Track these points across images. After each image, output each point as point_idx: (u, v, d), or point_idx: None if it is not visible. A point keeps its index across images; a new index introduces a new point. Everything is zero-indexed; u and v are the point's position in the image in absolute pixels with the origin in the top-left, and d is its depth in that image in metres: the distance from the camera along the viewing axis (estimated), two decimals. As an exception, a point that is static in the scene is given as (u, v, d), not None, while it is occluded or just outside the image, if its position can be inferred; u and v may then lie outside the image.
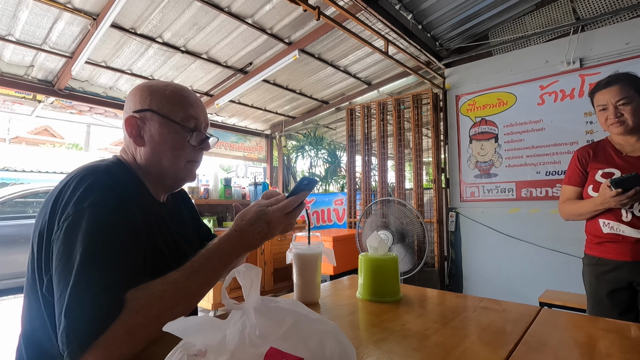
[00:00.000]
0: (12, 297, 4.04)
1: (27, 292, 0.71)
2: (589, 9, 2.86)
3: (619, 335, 0.69)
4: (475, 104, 3.37)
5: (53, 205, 0.65)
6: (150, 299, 0.59)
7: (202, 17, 3.07)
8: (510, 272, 3.08)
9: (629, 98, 1.29)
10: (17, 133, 14.37)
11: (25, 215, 4.68)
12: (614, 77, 1.35)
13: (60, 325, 0.55)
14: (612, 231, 1.31)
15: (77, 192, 0.64)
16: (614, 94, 1.30)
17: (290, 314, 0.44)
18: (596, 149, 1.45)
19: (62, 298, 0.56)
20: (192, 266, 0.65)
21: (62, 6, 2.76)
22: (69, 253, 0.59)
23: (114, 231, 0.63)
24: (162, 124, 0.78)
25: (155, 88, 0.80)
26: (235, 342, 0.41)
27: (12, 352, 0.76)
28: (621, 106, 1.29)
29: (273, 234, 0.71)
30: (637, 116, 1.29)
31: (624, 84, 1.30)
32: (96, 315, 0.55)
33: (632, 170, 1.28)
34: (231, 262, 0.69)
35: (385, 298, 0.94)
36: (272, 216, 0.70)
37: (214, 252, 0.67)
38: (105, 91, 4.25)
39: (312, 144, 6.14)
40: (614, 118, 1.31)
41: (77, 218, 0.61)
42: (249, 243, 0.69)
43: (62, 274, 0.58)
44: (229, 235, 0.69)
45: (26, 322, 0.72)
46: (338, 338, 0.44)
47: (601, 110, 1.36)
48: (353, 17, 2.47)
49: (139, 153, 0.79)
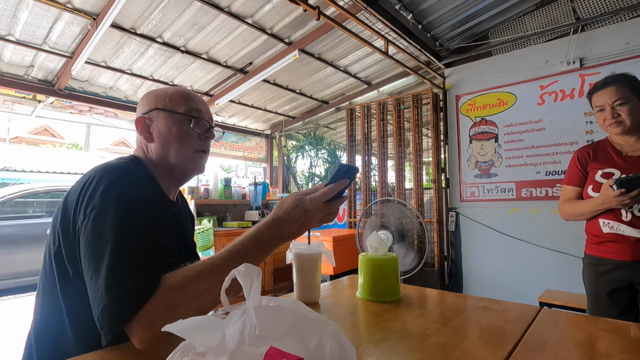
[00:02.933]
0: (12, 297, 4.04)
1: (44, 285, 0.73)
2: (589, 9, 2.86)
3: (619, 335, 0.69)
4: (475, 104, 3.37)
5: (77, 198, 0.69)
6: (187, 278, 0.61)
7: (202, 17, 3.07)
8: (510, 272, 3.07)
9: (626, 98, 1.29)
10: (17, 133, 14.37)
11: (25, 215, 4.69)
12: (610, 78, 1.35)
13: (99, 303, 0.59)
14: (612, 231, 1.31)
15: (102, 185, 0.68)
16: (610, 95, 1.31)
17: (290, 314, 0.44)
18: (596, 149, 1.45)
19: (98, 278, 0.60)
20: (229, 251, 0.66)
21: (62, 6, 2.76)
22: (99, 238, 0.63)
23: (141, 219, 0.67)
24: (167, 117, 0.84)
25: (160, 91, 0.87)
26: (235, 342, 0.41)
27: (12, 352, 0.77)
28: (618, 107, 1.30)
29: (311, 223, 0.70)
30: (635, 116, 1.29)
31: (621, 85, 1.31)
32: (137, 290, 0.58)
33: (632, 171, 1.28)
34: (267, 250, 0.69)
35: (385, 298, 0.94)
36: (310, 204, 0.69)
37: (250, 238, 0.68)
38: (105, 91, 4.25)
39: (312, 144, 6.14)
40: (611, 119, 1.31)
41: (105, 208, 0.65)
42: (286, 232, 0.69)
43: (94, 258, 0.62)
44: (266, 223, 0.69)
45: (39, 317, 0.74)
46: (338, 338, 0.44)
47: (599, 112, 1.36)
48: (353, 17, 2.47)
49: (150, 149, 0.85)
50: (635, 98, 1.30)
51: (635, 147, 1.35)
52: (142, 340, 0.58)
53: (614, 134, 1.38)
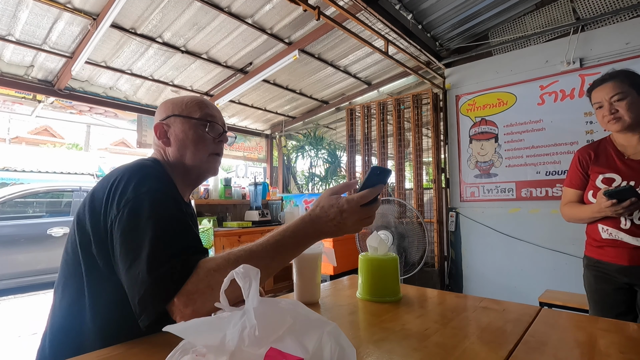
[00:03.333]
0: (12, 297, 4.04)
1: (66, 278, 0.76)
2: (589, 9, 2.86)
3: (619, 335, 0.69)
4: (475, 104, 3.37)
5: (107, 195, 0.72)
6: (227, 262, 0.65)
7: (202, 17, 3.07)
8: (510, 272, 3.07)
9: (624, 93, 1.25)
10: (17, 133, 14.37)
11: (25, 215, 4.68)
12: (608, 74, 1.32)
13: (141, 287, 0.62)
14: (610, 237, 1.30)
15: (133, 181, 0.72)
16: (608, 91, 1.28)
17: (290, 314, 0.44)
18: (597, 149, 1.41)
19: (139, 264, 0.63)
20: (268, 240, 0.69)
21: (62, 6, 2.76)
22: (136, 229, 0.66)
23: (173, 211, 0.72)
24: (183, 122, 0.90)
25: (177, 99, 0.93)
26: (235, 343, 0.41)
27: (12, 352, 0.78)
28: (616, 102, 1.26)
29: (346, 224, 0.70)
30: (635, 111, 1.25)
31: (619, 80, 1.27)
32: (178, 270, 0.62)
33: (633, 177, 1.26)
34: (303, 244, 0.71)
35: (385, 298, 0.94)
36: (346, 205, 0.69)
37: (288, 230, 0.70)
38: (105, 91, 4.25)
39: (312, 144, 6.13)
40: (609, 115, 1.27)
41: (139, 201, 0.69)
42: (321, 229, 0.70)
43: (132, 248, 0.66)
44: (303, 218, 0.71)
45: (57, 311, 0.76)
46: (338, 338, 0.44)
47: (598, 109, 1.33)
48: (353, 17, 2.47)
49: (167, 152, 0.90)
50: (635, 93, 1.26)
51: (638, 149, 1.30)
52: (184, 316, 0.61)
53: (614, 131, 1.33)
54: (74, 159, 11.16)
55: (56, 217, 4.75)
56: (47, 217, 4.75)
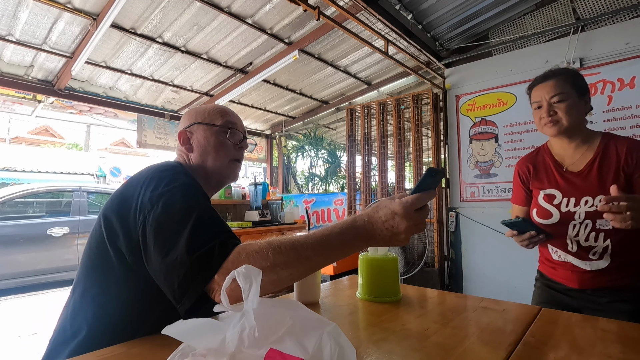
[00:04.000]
0: (12, 297, 4.04)
1: (87, 274, 0.78)
2: (589, 9, 2.86)
3: (619, 335, 0.69)
4: (475, 104, 3.36)
5: (138, 194, 0.74)
6: (270, 245, 0.63)
7: (202, 17, 3.07)
8: (510, 272, 3.07)
9: (565, 94, 1.13)
10: (17, 133, 14.38)
11: (25, 215, 4.68)
12: (551, 71, 1.20)
13: (180, 269, 0.63)
14: (560, 259, 1.23)
15: (165, 179, 0.75)
16: (548, 90, 1.15)
17: (289, 315, 0.44)
18: (536, 161, 1.29)
19: (177, 251, 0.64)
20: (314, 233, 0.65)
21: (62, 6, 2.76)
22: (172, 219, 0.69)
23: (207, 203, 0.75)
24: (206, 129, 0.94)
25: (200, 108, 0.98)
26: (234, 344, 0.41)
27: (12, 352, 0.78)
28: (555, 103, 1.14)
29: (399, 228, 0.63)
30: (573, 115, 1.13)
31: (562, 79, 1.15)
32: (217, 249, 0.64)
33: (573, 192, 1.16)
34: (350, 245, 0.65)
35: (385, 298, 0.94)
36: (399, 208, 0.63)
37: (336, 227, 0.65)
38: (105, 91, 4.25)
39: (312, 144, 6.14)
40: (547, 117, 1.15)
41: (172, 194, 0.72)
42: (373, 233, 0.65)
43: (168, 237, 0.67)
44: (355, 217, 0.67)
45: (74, 312, 0.77)
46: (338, 338, 0.44)
47: (536, 109, 1.19)
48: (353, 17, 2.47)
49: (190, 158, 0.94)
50: (576, 95, 1.15)
51: (575, 158, 1.19)
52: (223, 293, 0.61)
53: (550, 135, 1.22)
54: (74, 159, 11.16)
55: (56, 217, 4.76)
56: (47, 217, 4.75)
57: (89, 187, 5.42)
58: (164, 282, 0.66)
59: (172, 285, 0.64)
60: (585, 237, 1.14)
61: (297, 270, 0.64)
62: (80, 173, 10.26)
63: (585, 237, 1.14)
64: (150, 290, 0.71)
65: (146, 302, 0.75)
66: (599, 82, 2.77)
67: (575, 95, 1.14)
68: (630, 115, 2.64)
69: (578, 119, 1.15)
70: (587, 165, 1.16)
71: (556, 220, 1.19)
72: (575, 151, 1.20)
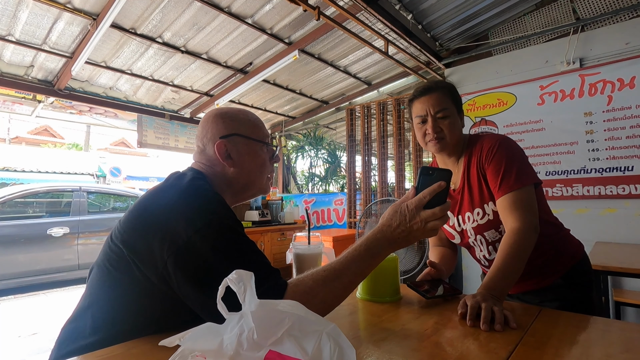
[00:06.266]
0: (12, 297, 4.04)
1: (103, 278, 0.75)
2: (589, 9, 2.86)
3: (618, 335, 0.69)
4: (475, 104, 3.36)
5: (165, 226, 0.69)
6: (316, 283, 0.67)
7: (202, 17, 3.07)
8: (510, 272, 3.07)
9: (448, 110, 1.08)
10: (17, 133, 14.39)
11: (25, 215, 4.68)
12: (434, 83, 1.13)
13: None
14: (485, 267, 1.23)
15: (196, 209, 0.70)
16: (433, 103, 1.08)
17: (288, 316, 0.44)
18: None
19: None
20: (346, 257, 0.70)
21: (62, 6, 2.76)
22: (215, 251, 0.66)
23: (244, 234, 0.73)
24: (250, 144, 0.88)
25: (234, 116, 0.89)
26: (233, 347, 0.40)
27: (12, 352, 0.77)
28: (440, 119, 1.08)
29: (413, 228, 0.70)
30: (456, 132, 1.09)
31: (446, 92, 1.10)
32: (272, 294, 0.63)
33: (459, 211, 1.14)
34: (379, 255, 0.72)
35: (385, 298, 0.94)
36: (407, 210, 0.71)
37: (362, 245, 0.71)
38: (105, 91, 4.25)
39: (312, 144, 6.14)
40: (432, 133, 1.08)
41: (214, 230, 0.68)
42: (392, 238, 0.71)
43: (216, 276, 0.61)
44: (374, 230, 0.73)
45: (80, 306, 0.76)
46: (337, 339, 0.44)
47: (419, 123, 1.11)
48: (353, 17, 2.47)
49: (227, 172, 0.87)
50: (456, 111, 1.11)
51: (457, 178, 1.15)
52: None
53: (433, 152, 1.16)
54: (74, 159, 11.17)
55: (56, 217, 4.75)
56: (47, 217, 4.74)
57: (89, 187, 5.42)
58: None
59: None
60: (488, 252, 1.15)
61: (343, 294, 0.69)
62: (80, 173, 10.26)
63: (488, 252, 1.15)
64: (176, 304, 0.69)
65: (169, 315, 0.72)
66: (599, 82, 2.77)
67: (456, 111, 1.11)
68: (630, 115, 2.64)
69: (459, 135, 1.12)
70: (461, 179, 1.14)
71: (459, 240, 1.20)
72: (454, 167, 1.16)
